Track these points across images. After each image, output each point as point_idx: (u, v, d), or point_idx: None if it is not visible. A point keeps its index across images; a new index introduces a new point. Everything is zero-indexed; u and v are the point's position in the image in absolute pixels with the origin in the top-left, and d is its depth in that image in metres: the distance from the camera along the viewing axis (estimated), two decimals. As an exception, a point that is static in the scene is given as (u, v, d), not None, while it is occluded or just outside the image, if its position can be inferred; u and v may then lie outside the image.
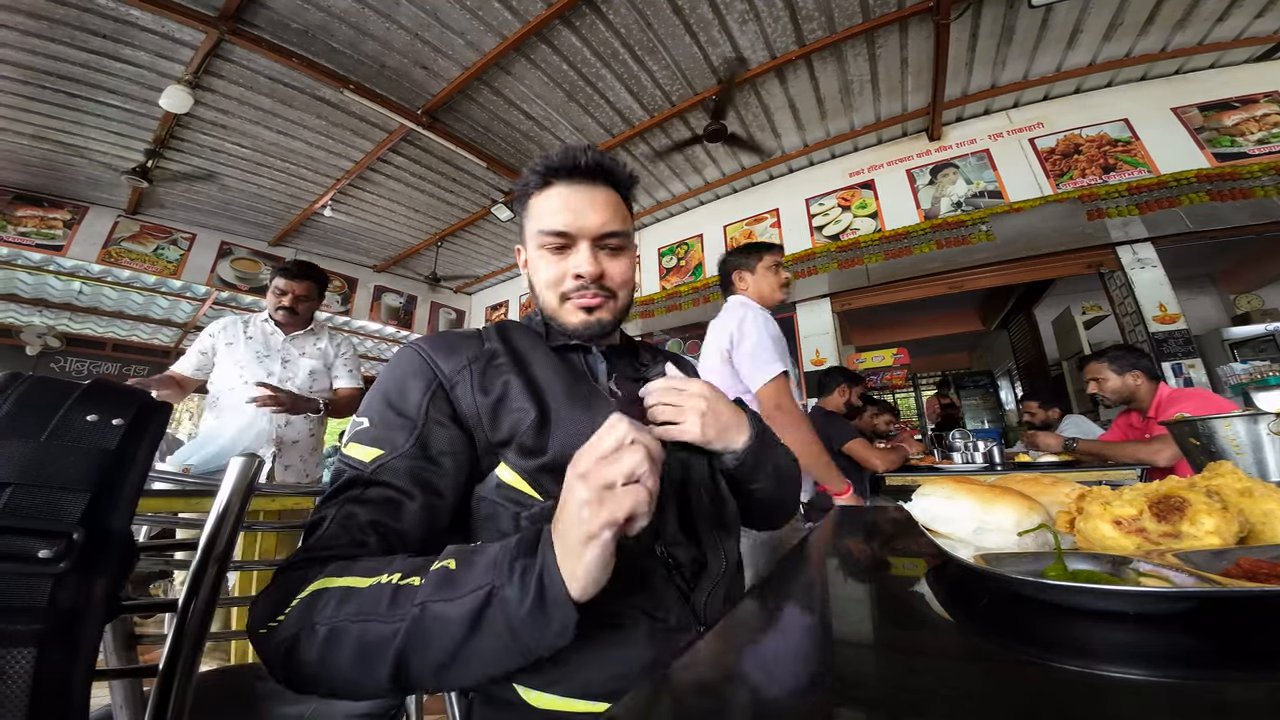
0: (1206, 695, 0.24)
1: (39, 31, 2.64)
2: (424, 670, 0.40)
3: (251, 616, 0.47)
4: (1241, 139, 2.99)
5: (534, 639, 0.39)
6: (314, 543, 0.51)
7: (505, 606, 0.38)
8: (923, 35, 2.93)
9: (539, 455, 0.58)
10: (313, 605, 0.43)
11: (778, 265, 1.80)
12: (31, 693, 0.35)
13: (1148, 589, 0.29)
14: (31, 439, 0.41)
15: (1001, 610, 0.35)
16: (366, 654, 0.40)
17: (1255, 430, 0.58)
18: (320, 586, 0.44)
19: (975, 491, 0.48)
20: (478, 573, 0.41)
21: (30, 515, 0.38)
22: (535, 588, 0.38)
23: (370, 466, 0.55)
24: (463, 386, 0.61)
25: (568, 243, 0.68)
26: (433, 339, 0.67)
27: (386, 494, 0.54)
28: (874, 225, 3.77)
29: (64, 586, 0.38)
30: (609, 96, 3.32)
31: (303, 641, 0.42)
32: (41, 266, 4.21)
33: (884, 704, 0.26)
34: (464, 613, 0.39)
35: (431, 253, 5.37)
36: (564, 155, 0.69)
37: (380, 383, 0.62)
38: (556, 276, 0.69)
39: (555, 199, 0.68)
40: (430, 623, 0.39)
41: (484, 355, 0.65)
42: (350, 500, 0.53)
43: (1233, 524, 0.36)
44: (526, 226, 0.73)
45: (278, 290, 2.16)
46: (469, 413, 0.60)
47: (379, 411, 0.59)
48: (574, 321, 0.69)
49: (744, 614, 0.41)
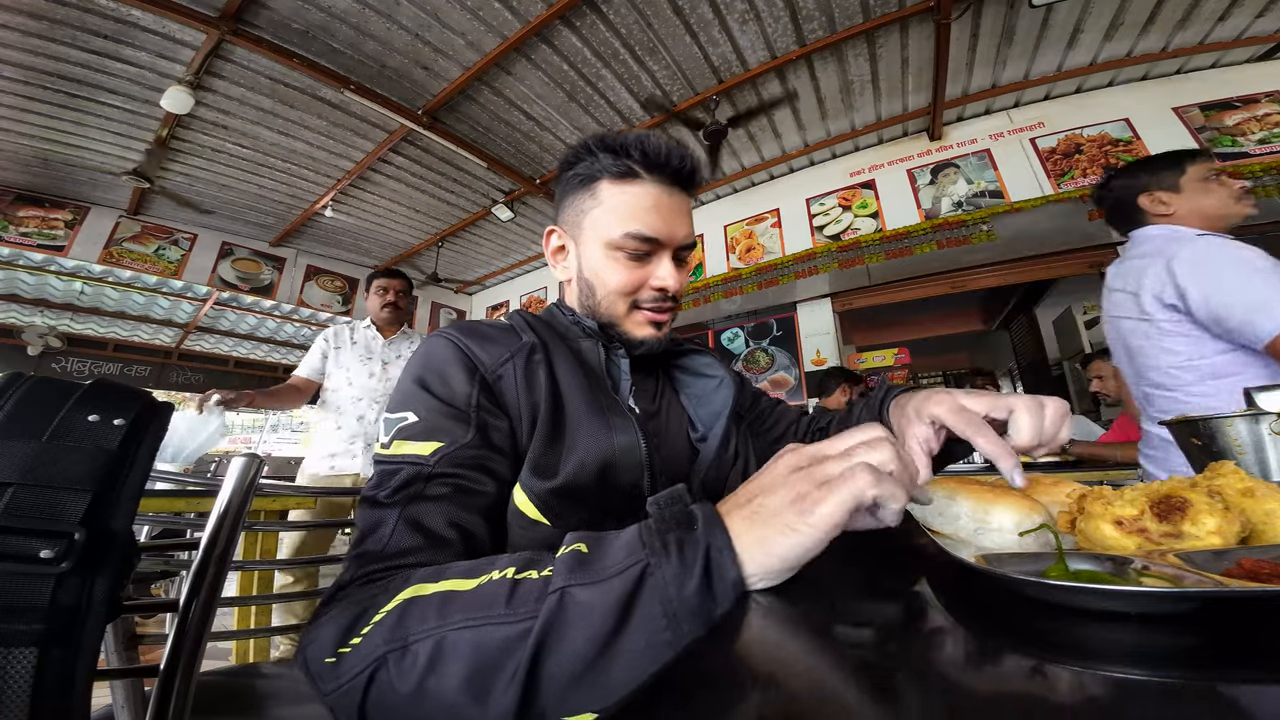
0: (1208, 696, 0.24)
1: (40, 32, 2.65)
2: (558, 683, 0.30)
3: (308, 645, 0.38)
4: (1243, 139, 2.99)
5: (694, 625, 0.31)
6: (380, 549, 0.43)
7: (663, 587, 0.31)
8: (923, 35, 2.93)
9: (550, 477, 0.51)
10: (403, 619, 0.35)
11: (1217, 174, 1.26)
12: (33, 693, 0.35)
13: (1149, 589, 0.29)
14: (33, 439, 0.41)
15: (1002, 610, 0.35)
16: (486, 667, 0.31)
17: (1257, 430, 0.58)
18: (411, 595, 0.36)
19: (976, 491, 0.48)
20: (619, 552, 0.34)
21: (32, 515, 0.38)
22: (701, 564, 0.32)
23: (432, 459, 0.48)
24: (507, 380, 0.55)
25: (653, 250, 0.61)
26: (463, 327, 0.59)
27: (460, 484, 0.47)
28: (875, 225, 3.77)
29: (65, 586, 0.38)
30: (609, 96, 3.32)
31: (391, 665, 0.33)
32: (43, 267, 4.22)
33: (884, 704, 0.26)
34: (613, 599, 0.31)
35: (432, 253, 5.37)
36: (664, 151, 0.60)
37: (415, 376, 0.55)
38: (632, 284, 0.62)
39: (646, 198, 0.60)
40: (573, 613, 0.31)
41: (525, 348, 0.58)
42: (415, 498, 0.46)
43: (1234, 524, 0.36)
44: (591, 214, 0.63)
45: (380, 290, 2.37)
46: (512, 408, 0.54)
47: (424, 404, 0.52)
48: (641, 334, 0.64)
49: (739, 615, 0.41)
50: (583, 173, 0.63)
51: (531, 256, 5.68)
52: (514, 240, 5.32)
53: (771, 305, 4.50)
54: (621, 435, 0.54)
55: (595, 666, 0.30)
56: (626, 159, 0.60)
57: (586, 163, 0.62)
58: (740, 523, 0.34)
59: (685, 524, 0.34)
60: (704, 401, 0.71)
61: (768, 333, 4.62)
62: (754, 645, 0.36)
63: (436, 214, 4.70)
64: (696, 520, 0.34)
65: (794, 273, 3.95)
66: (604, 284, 0.63)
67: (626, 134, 0.61)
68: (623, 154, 0.60)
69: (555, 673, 0.30)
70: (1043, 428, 0.45)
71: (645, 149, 0.60)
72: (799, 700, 0.27)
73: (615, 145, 0.61)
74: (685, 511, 0.35)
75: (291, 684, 0.86)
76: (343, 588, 0.41)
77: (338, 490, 1.64)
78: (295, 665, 0.39)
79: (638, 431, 0.56)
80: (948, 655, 0.32)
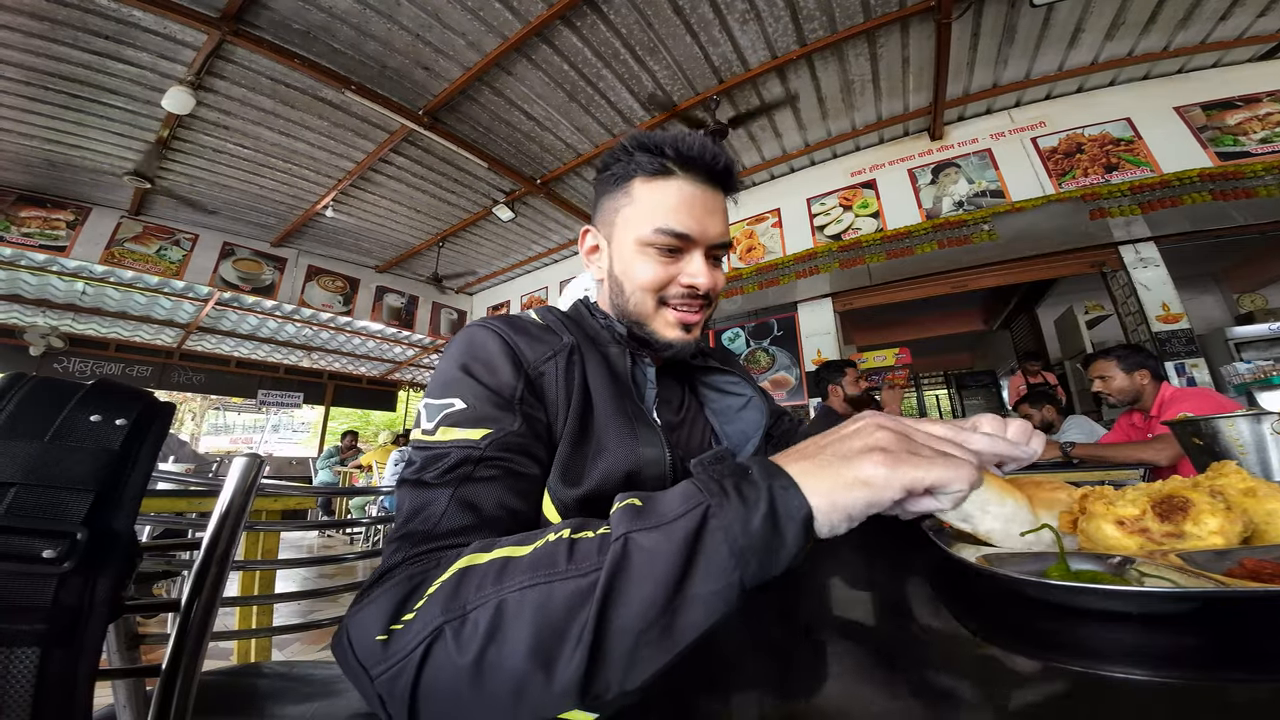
0: (1210, 695, 0.24)
1: (41, 33, 2.66)
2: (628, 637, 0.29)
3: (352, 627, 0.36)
4: (1244, 138, 2.98)
5: (762, 563, 0.30)
6: (429, 529, 0.42)
7: (727, 526, 0.30)
8: (924, 34, 2.93)
9: (575, 484, 0.50)
10: (459, 588, 0.33)
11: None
12: (35, 693, 0.35)
13: (1151, 589, 0.29)
14: (35, 439, 0.41)
15: (1004, 610, 0.35)
16: (552, 626, 0.30)
17: (1259, 430, 0.58)
18: (465, 565, 0.35)
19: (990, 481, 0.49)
20: (675, 500, 0.33)
21: (34, 515, 0.39)
22: (765, 501, 0.31)
23: (483, 443, 0.47)
24: (549, 378, 0.55)
25: (684, 246, 0.61)
26: (506, 320, 0.59)
27: (510, 467, 0.47)
28: (876, 225, 3.76)
29: (67, 586, 0.38)
30: (610, 97, 3.32)
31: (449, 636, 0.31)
32: (45, 267, 4.23)
33: (886, 704, 0.26)
34: (678, 540, 0.30)
35: (433, 253, 5.38)
36: (697, 148, 0.60)
37: (459, 363, 0.53)
38: (661, 280, 0.61)
39: (678, 194, 0.60)
40: (638, 559, 0.30)
41: (565, 348, 0.57)
42: (465, 480, 0.45)
43: (1236, 524, 0.36)
44: (624, 211, 0.63)
45: None
46: (552, 406, 0.54)
47: (473, 391, 0.51)
48: (669, 335, 0.63)
49: (743, 615, 0.41)
50: (618, 173, 0.64)
51: (532, 257, 5.68)
52: (515, 240, 5.32)
53: (772, 305, 4.50)
54: (647, 447, 0.54)
55: (665, 614, 0.29)
56: (660, 156, 0.60)
57: (622, 163, 0.63)
58: (804, 467, 0.33)
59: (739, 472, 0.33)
60: (730, 419, 0.71)
61: (768, 333, 4.62)
62: (755, 645, 0.36)
63: (437, 214, 4.70)
64: (751, 468, 0.34)
65: (795, 272, 3.95)
66: (633, 280, 0.63)
67: (662, 133, 0.61)
68: (657, 152, 0.61)
69: (625, 625, 0.29)
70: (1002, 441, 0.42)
71: (679, 146, 0.60)
72: (800, 700, 0.27)
73: (650, 144, 0.61)
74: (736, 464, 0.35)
75: (294, 684, 0.86)
76: (390, 570, 0.39)
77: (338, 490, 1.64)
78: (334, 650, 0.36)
79: (663, 442, 0.55)
80: (949, 654, 0.32)
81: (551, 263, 5.80)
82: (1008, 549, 0.42)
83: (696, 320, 0.64)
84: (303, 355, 7.10)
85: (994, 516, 0.46)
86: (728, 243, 0.63)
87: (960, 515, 0.46)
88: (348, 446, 6.13)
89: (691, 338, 0.64)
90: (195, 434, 12.83)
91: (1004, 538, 0.44)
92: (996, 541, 0.43)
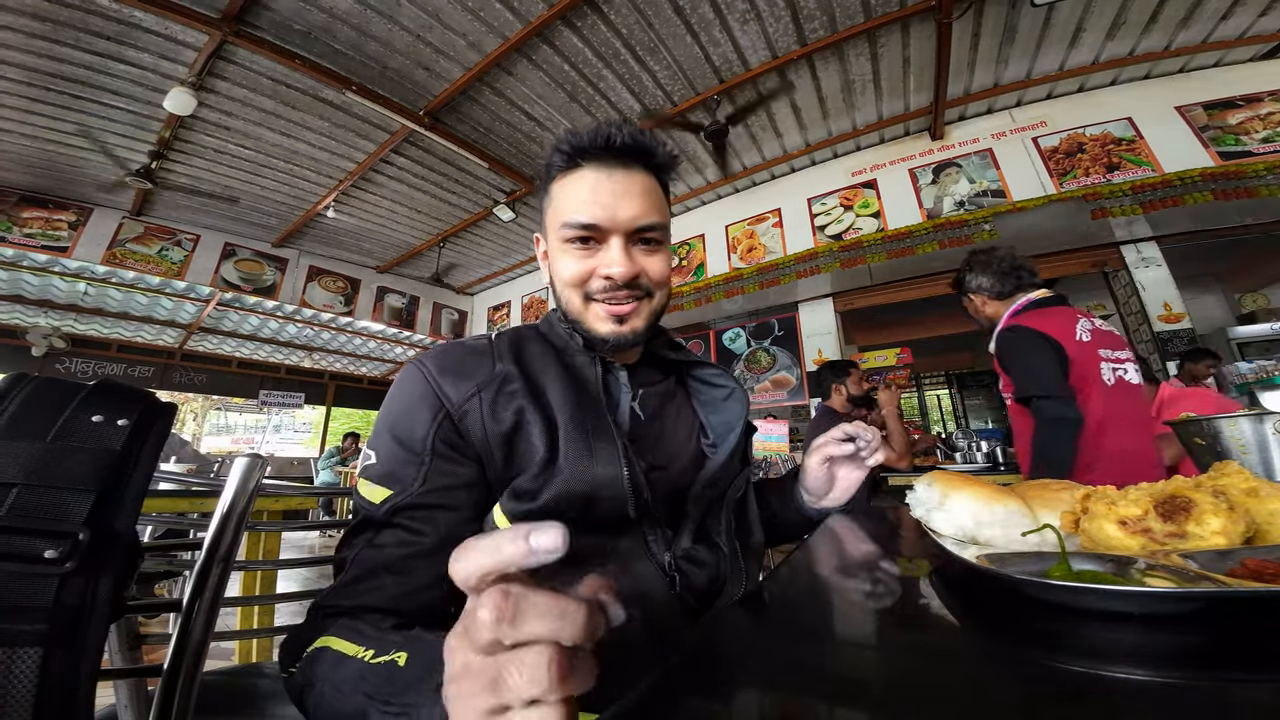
0: (1212, 696, 0.24)
1: (43, 34, 2.66)
2: None
3: (281, 655, 0.49)
4: (1246, 138, 2.98)
5: None
6: (336, 586, 0.51)
7: None
8: (925, 34, 2.93)
9: (529, 499, 0.52)
10: (315, 662, 0.44)
11: None
12: (37, 692, 0.35)
13: (1153, 589, 0.29)
14: (38, 439, 0.41)
15: (1005, 611, 0.35)
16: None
17: (1261, 430, 0.58)
18: (323, 645, 0.44)
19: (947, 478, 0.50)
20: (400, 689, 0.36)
21: (36, 515, 0.39)
22: None
23: (381, 509, 0.52)
24: (473, 416, 0.55)
25: (597, 237, 0.59)
26: (440, 357, 0.59)
27: (399, 536, 0.51)
28: (876, 225, 3.76)
29: (69, 586, 0.38)
30: (610, 97, 3.33)
31: (306, 695, 0.43)
32: (47, 268, 4.24)
33: (887, 705, 0.26)
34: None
35: (434, 253, 5.38)
36: (594, 133, 0.58)
37: (386, 410, 0.57)
38: (581, 274, 0.59)
39: (583, 185, 0.58)
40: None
41: (496, 379, 0.57)
42: (365, 544, 0.52)
43: (1239, 524, 0.36)
44: (548, 215, 0.63)
45: None
46: (480, 444, 0.54)
47: (386, 445, 0.54)
48: (602, 331, 0.61)
49: (742, 616, 0.41)
50: (542, 177, 0.64)
51: (533, 257, 5.66)
52: (515, 241, 5.32)
53: (773, 305, 4.50)
54: (602, 466, 0.54)
55: None
56: (565, 152, 0.60)
57: (545, 167, 0.64)
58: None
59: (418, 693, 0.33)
60: (716, 409, 0.72)
61: (769, 333, 4.62)
62: (755, 645, 0.36)
63: (438, 214, 4.71)
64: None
65: (795, 272, 3.94)
66: (559, 278, 0.62)
67: (576, 129, 0.60)
68: (564, 147, 0.60)
69: None
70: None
71: (579, 135, 0.59)
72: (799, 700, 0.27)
73: (561, 141, 0.60)
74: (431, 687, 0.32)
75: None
76: (311, 611, 0.50)
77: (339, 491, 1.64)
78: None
79: (621, 461, 0.54)
80: (950, 655, 0.32)
81: (552, 263, 5.79)
82: (1010, 549, 0.42)
83: (628, 311, 0.60)
84: (304, 355, 7.10)
85: (988, 525, 0.46)
86: (654, 224, 0.60)
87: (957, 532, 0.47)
88: (349, 447, 6.14)
89: (627, 329, 0.61)
90: (197, 434, 12.84)
91: (1007, 543, 0.44)
92: (1000, 546, 0.43)
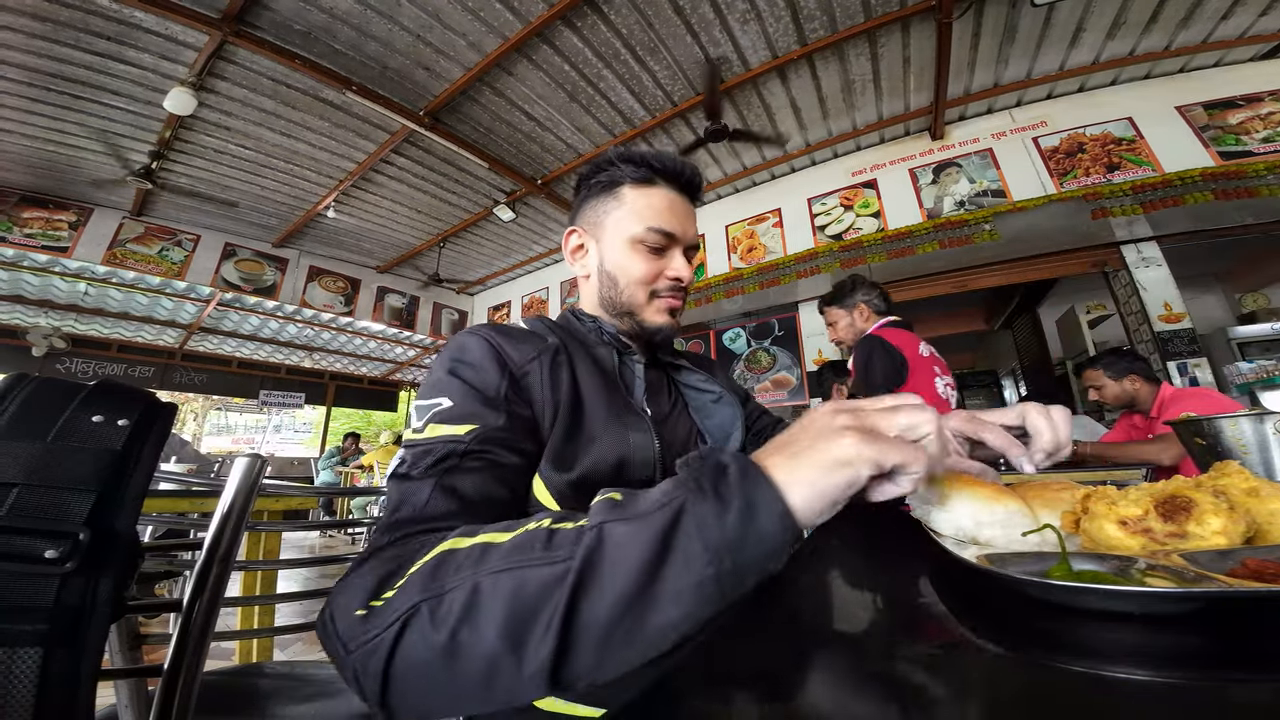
0: (1212, 696, 0.24)
1: (43, 34, 2.66)
2: (598, 628, 0.29)
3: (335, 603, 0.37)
4: (1246, 137, 2.98)
5: (739, 561, 0.29)
6: (415, 514, 0.44)
7: (701, 521, 0.30)
8: (925, 34, 2.92)
9: (567, 470, 0.55)
10: (439, 570, 0.34)
11: None
12: (38, 693, 0.35)
13: (1153, 589, 0.29)
14: (38, 440, 0.41)
15: (1006, 611, 0.35)
16: (523, 611, 0.30)
17: (1262, 430, 0.58)
18: (447, 548, 0.36)
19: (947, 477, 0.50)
20: (654, 495, 0.33)
21: (36, 515, 0.39)
22: (739, 499, 0.30)
23: (467, 438, 0.50)
24: (533, 377, 0.59)
25: (668, 245, 0.71)
26: (494, 327, 0.63)
27: (492, 459, 0.50)
28: (877, 225, 3.76)
29: (70, 587, 0.38)
30: (610, 97, 3.33)
31: (425, 614, 0.32)
32: (47, 268, 4.24)
33: (887, 705, 0.26)
34: (651, 532, 0.30)
35: (434, 253, 5.38)
36: (675, 162, 0.71)
37: (447, 367, 0.58)
38: (651, 274, 0.71)
39: (662, 199, 0.71)
40: (611, 548, 0.30)
41: (550, 349, 0.62)
42: (450, 470, 0.48)
43: (1239, 524, 0.36)
44: (613, 214, 0.72)
45: None
46: (537, 405, 0.58)
47: (460, 391, 0.55)
48: (658, 321, 0.72)
49: (744, 615, 0.41)
50: (605, 180, 0.73)
51: (533, 257, 5.68)
52: (515, 241, 5.32)
53: (773, 305, 4.50)
54: (636, 433, 0.60)
55: (636, 608, 0.29)
56: (644, 167, 0.71)
57: (609, 172, 0.72)
58: (778, 462, 0.33)
59: (717, 469, 0.33)
60: (708, 415, 0.78)
61: (769, 333, 4.62)
62: (756, 644, 0.36)
63: (438, 214, 4.71)
64: (729, 466, 0.33)
65: (795, 272, 3.94)
66: (627, 274, 0.71)
67: (644, 150, 0.73)
68: (641, 163, 0.71)
69: (595, 614, 0.29)
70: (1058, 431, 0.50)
71: (662, 159, 0.71)
72: (799, 699, 0.27)
73: (635, 157, 0.71)
74: (716, 462, 0.34)
75: (295, 684, 0.86)
76: (375, 551, 0.41)
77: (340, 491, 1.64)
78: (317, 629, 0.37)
79: (651, 430, 0.61)
80: (951, 655, 0.32)
81: (552, 263, 5.80)
82: (1010, 549, 0.42)
83: (679, 307, 0.74)
84: (304, 356, 7.10)
85: (988, 525, 0.46)
86: (698, 244, 0.76)
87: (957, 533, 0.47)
88: (350, 447, 6.14)
89: (675, 323, 0.74)
90: (197, 434, 12.85)
91: (1007, 543, 0.44)
92: (1000, 546, 0.43)
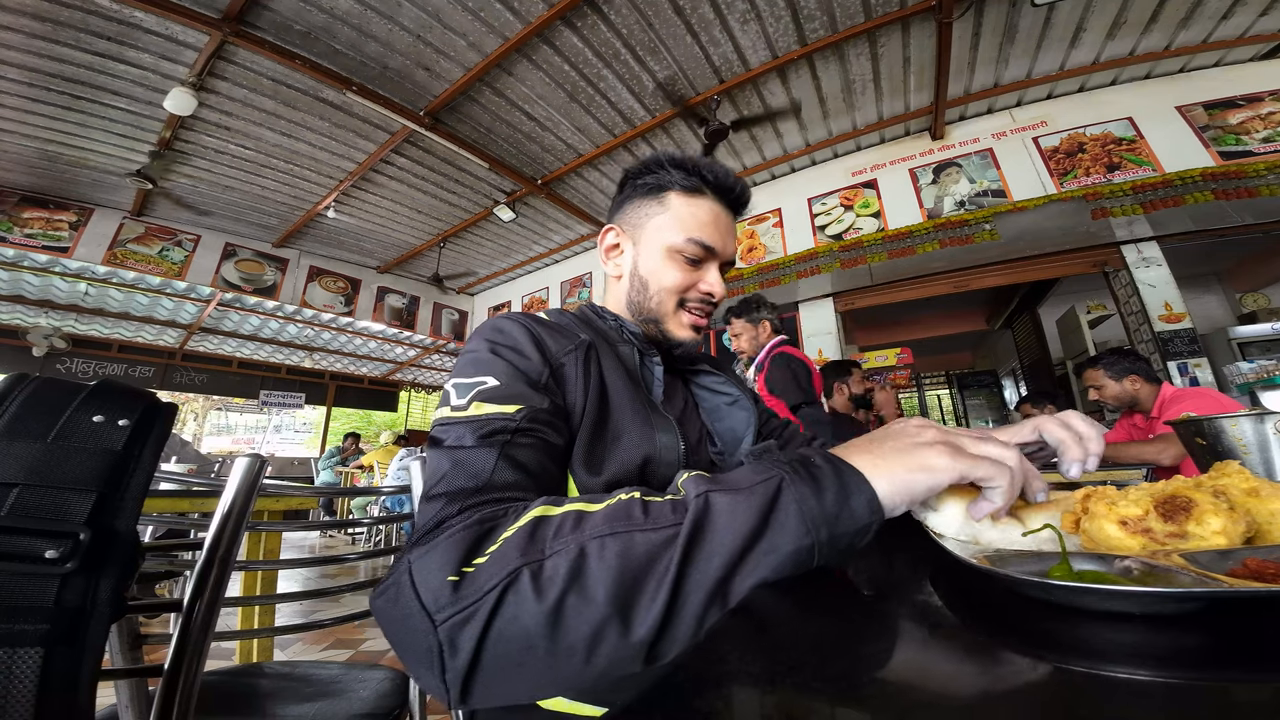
0: (1212, 696, 0.24)
1: (44, 34, 2.66)
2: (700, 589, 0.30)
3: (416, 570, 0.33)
4: (1246, 137, 2.98)
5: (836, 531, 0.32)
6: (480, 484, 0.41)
7: (800, 497, 0.32)
8: (925, 34, 2.92)
9: (597, 472, 0.54)
10: (536, 534, 0.33)
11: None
12: (38, 692, 0.35)
13: (1154, 589, 0.29)
14: (39, 440, 0.41)
15: (1006, 611, 0.35)
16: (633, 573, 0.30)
17: (1262, 430, 0.58)
18: (539, 514, 0.35)
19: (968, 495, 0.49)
20: (746, 473, 0.35)
21: (37, 516, 0.39)
22: (834, 481, 0.34)
23: (518, 416, 0.48)
24: (568, 369, 0.57)
25: (706, 258, 0.68)
26: (529, 317, 0.62)
27: (543, 438, 0.49)
28: (877, 224, 3.76)
29: (70, 587, 0.38)
30: (610, 97, 3.33)
31: (526, 581, 0.30)
32: (48, 268, 4.24)
33: (887, 705, 0.26)
34: (756, 503, 0.32)
35: (434, 254, 5.38)
36: (726, 175, 0.69)
37: (490, 346, 0.56)
38: (684, 284, 0.68)
39: (708, 212, 0.68)
40: (718, 515, 0.32)
41: (583, 345, 0.61)
42: (507, 443, 0.46)
43: (1239, 524, 0.36)
44: (656, 219, 0.69)
45: None
46: (570, 396, 0.57)
47: (505, 370, 0.53)
48: (682, 334, 0.70)
49: (743, 615, 0.41)
50: (652, 183, 0.70)
51: (533, 257, 5.68)
52: (516, 241, 5.32)
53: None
54: (662, 433, 0.59)
55: (738, 570, 0.31)
56: (695, 175, 0.68)
57: (656, 175, 0.69)
58: (862, 460, 0.36)
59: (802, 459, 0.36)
60: (720, 417, 0.75)
61: (769, 333, 4.61)
62: (757, 643, 0.36)
63: (438, 214, 4.71)
64: (813, 457, 0.36)
65: (796, 272, 3.94)
66: (659, 281, 0.69)
67: (697, 157, 0.70)
68: (692, 171, 0.68)
69: (701, 578, 0.30)
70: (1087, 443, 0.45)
71: (713, 170, 0.68)
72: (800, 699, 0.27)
73: (687, 164, 0.69)
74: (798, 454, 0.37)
75: (296, 684, 0.86)
76: (448, 519, 0.38)
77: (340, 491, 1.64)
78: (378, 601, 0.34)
79: (677, 432, 0.60)
80: (951, 654, 0.32)
81: (553, 263, 5.80)
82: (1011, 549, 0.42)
83: (704, 324, 0.72)
84: (304, 356, 7.10)
85: (988, 525, 0.46)
86: (734, 262, 0.72)
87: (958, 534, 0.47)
88: (350, 447, 6.14)
89: (698, 338, 0.72)
90: (197, 434, 12.85)
91: (1007, 543, 0.44)
92: (1001, 547, 0.43)
